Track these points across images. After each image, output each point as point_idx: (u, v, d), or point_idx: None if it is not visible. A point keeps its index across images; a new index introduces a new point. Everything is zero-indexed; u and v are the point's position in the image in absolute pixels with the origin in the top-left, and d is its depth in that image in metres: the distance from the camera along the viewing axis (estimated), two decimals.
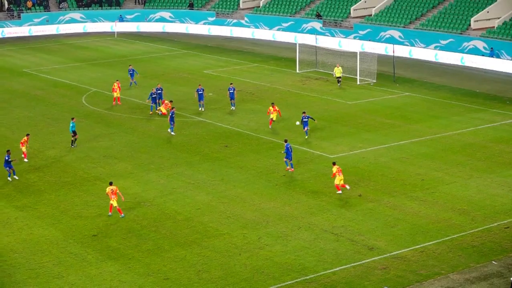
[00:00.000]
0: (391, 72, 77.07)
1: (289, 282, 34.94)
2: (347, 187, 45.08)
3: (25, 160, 51.73)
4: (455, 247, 38.23)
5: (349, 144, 55.01)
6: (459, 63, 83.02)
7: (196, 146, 55.24)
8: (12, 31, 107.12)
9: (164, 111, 61.85)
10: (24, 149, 51.94)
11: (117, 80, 68.34)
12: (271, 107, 58.31)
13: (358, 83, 74.58)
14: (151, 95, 63.84)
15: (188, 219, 42.26)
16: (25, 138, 52.16)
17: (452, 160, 51.31)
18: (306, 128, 55.67)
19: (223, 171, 49.36)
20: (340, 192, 44.91)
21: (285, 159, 48.67)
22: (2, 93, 73.07)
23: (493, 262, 36.59)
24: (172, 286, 34.73)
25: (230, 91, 64.47)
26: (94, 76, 78.94)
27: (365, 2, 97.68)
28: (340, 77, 72.97)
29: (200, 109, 64.30)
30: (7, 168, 48.21)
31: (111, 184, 42.80)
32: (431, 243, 38.70)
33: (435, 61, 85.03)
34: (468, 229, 40.30)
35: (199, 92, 63.55)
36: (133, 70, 74.55)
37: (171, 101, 61.59)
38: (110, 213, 42.49)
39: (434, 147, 54.10)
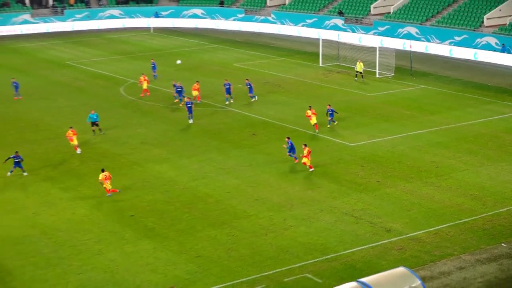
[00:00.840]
0: (408, 66, 76.81)
1: (312, 261, 35.11)
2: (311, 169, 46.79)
3: (78, 151, 51.26)
4: (467, 230, 38.24)
5: (369, 133, 55.00)
6: (472, 58, 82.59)
7: (226, 134, 55.45)
8: (56, 26, 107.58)
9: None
10: (74, 142, 51.27)
11: (142, 74, 68.58)
12: (309, 111, 55.07)
13: (377, 76, 74.41)
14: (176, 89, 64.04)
15: (218, 201, 42.53)
16: (70, 131, 51.17)
17: (465, 149, 51.20)
18: (330, 119, 55.93)
19: (251, 157, 49.58)
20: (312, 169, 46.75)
21: (288, 154, 48.14)
22: (47, 84, 73.61)
23: (502, 244, 36.59)
24: (203, 263, 35.01)
25: (226, 87, 64.00)
26: (131, 68, 79.23)
27: (385, 0, 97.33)
28: (361, 72, 72.81)
29: (227, 102, 63.96)
30: (15, 167, 46.36)
31: (103, 171, 43.36)
32: (444, 225, 38.73)
33: (449, 56, 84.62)
34: (479, 213, 40.28)
35: (226, 87, 63.55)
36: (154, 64, 74.82)
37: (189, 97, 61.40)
38: (109, 194, 43.18)
39: (448, 137, 53.99)
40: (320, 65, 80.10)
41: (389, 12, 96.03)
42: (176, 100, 63.49)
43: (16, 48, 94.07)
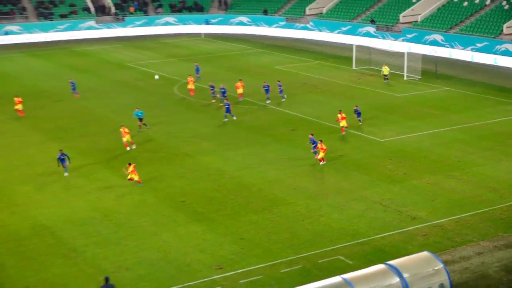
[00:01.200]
0: (433, 70, 76.18)
1: (344, 245, 35.06)
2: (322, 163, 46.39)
3: (128, 148, 50.67)
4: (485, 218, 37.91)
5: (397, 130, 54.66)
6: (492, 63, 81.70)
7: (267, 130, 55.44)
8: (118, 31, 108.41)
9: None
10: (125, 139, 50.67)
11: (189, 75, 68.79)
12: (339, 115, 53.43)
13: (405, 78, 73.90)
14: (220, 90, 63.52)
15: (260, 189, 42.57)
16: (121, 129, 50.68)
17: (484, 145, 50.70)
18: (359, 118, 55.55)
19: (290, 150, 49.51)
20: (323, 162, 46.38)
21: (312, 151, 47.38)
22: (110, 83, 74.19)
23: None
24: (246, 245, 35.10)
25: (265, 88, 63.69)
26: (184, 70, 79.31)
27: (413, 10, 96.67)
28: (387, 75, 72.40)
29: (267, 101, 63.59)
30: (62, 164, 45.00)
31: (129, 164, 43.23)
32: (465, 214, 38.42)
33: (471, 61, 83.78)
34: (497, 204, 39.91)
35: (265, 88, 63.41)
36: (198, 66, 74.63)
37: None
38: (140, 183, 43.16)
39: (469, 134, 53.48)
40: (353, 68, 79.72)
41: (417, 21, 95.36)
42: (214, 100, 63.60)
43: (82, 51, 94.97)
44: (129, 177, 42.95)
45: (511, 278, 31.53)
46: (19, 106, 60.24)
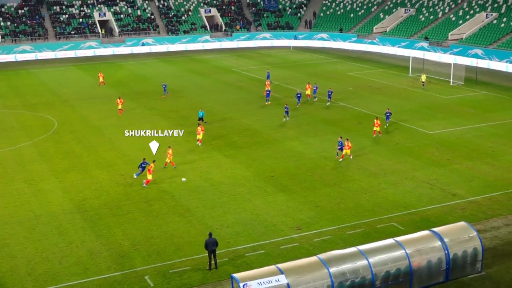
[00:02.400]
0: (474, 78, 73.82)
1: (397, 214, 34.52)
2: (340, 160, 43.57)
3: (199, 144, 47.72)
4: None
5: (443, 125, 53.21)
6: None
7: (339, 122, 54.80)
8: (226, 44, 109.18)
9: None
10: (200, 136, 47.76)
11: (267, 79, 68.36)
12: (375, 120, 49.98)
13: (451, 84, 71.82)
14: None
15: (332, 168, 42.21)
16: (198, 127, 48.15)
17: None
18: (387, 121, 52.09)
19: (357, 139, 48.78)
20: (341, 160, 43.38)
21: (337, 151, 44.12)
22: (219, 83, 74.77)
23: None
24: (320, 211, 34.91)
25: (328, 93, 61.62)
26: (277, 74, 79.30)
27: (459, 29, 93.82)
28: (424, 82, 70.41)
29: (328, 104, 61.19)
30: (140, 170, 40.27)
31: (169, 148, 42.49)
32: (496, 193, 37.29)
33: (506, 70, 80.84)
34: None
35: (328, 93, 61.72)
36: (269, 73, 73.23)
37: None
38: (174, 166, 42.27)
39: (502, 129, 51.61)
40: (409, 75, 77.87)
41: (462, 38, 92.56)
42: (268, 103, 62.10)
43: (199, 59, 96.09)
44: (167, 160, 42.14)
45: None
46: (120, 106, 58.50)
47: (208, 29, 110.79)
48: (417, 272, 26.65)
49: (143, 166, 40.18)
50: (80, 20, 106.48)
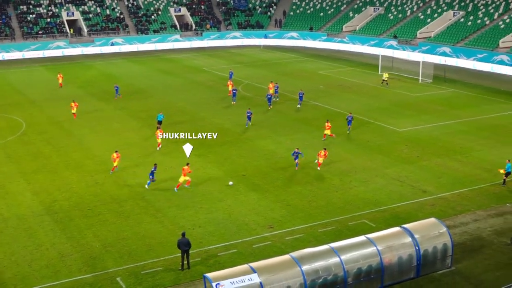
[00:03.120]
0: (442, 75, 74.77)
1: (368, 211, 34.80)
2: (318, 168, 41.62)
3: (158, 148, 46.61)
4: (481, 193, 37.25)
5: (412, 122, 53.80)
6: (490, 70, 79.91)
7: (310, 121, 54.99)
8: (197, 43, 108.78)
9: None
10: (159, 140, 46.56)
11: (229, 80, 68.19)
12: (326, 123, 48.43)
13: (420, 81, 72.64)
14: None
15: (304, 167, 42.32)
16: (157, 131, 47.03)
17: (482, 135, 49.63)
18: (349, 126, 49.81)
19: (328, 138, 48.99)
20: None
21: (296, 161, 41.36)
22: (190, 83, 74.46)
23: (507, 204, 35.60)
24: (291, 210, 35.04)
25: (300, 95, 60.74)
26: (247, 73, 79.51)
27: (427, 28, 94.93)
28: (385, 80, 71.03)
29: (298, 106, 59.80)
30: (151, 177, 38.84)
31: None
32: (465, 189, 37.83)
33: (473, 68, 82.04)
34: (490, 181, 39.17)
35: (300, 95, 61.30)
36: (231, 73, 72.83)
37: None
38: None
39: (469, 126, 52.38)
40: (379, 73, 78.52)
41: (430, 36, 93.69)
42: (234, 103, 61.86)
43: (169, 58, 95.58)
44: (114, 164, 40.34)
45: (501, 240, 31.00)
46: (75, 110, 56.06)
47: (178, 28, 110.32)
48: (389, 269, 26.91)
49: (154, 172, 38.73)
50: (48, 19, 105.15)
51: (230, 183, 39.10)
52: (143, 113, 58.39)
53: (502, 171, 38.71)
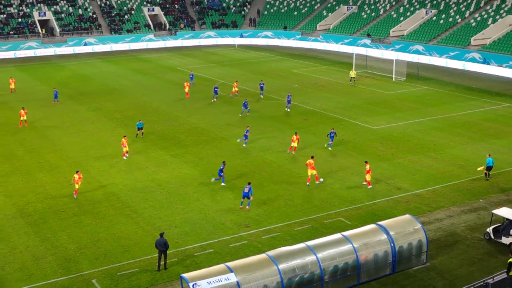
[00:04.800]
0: (416, 73, 75.43)
1: (344, 209, 34.93)
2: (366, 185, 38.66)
3: (125, 157, 44.27)
4: (455, 189, 37.60)
5: (386, 120, 54.17)
6: (462, 68, 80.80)
7: (286, 119, 55.15)
8: (171, 43, 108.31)
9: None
10: (126, 148, 44.15)
11: (186, 81, 67.65)
12: (294, 135, 45.14)
13: (393, 79, 73.21)
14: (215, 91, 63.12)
15: (279, 166, 42.39)
16: (123, 139, 44.22)
17: (455, 132, 50.15)
18: (331, 142, 46.02)
19: (303, 136, 49.10)
20: (370, 186, 38.27)
21: (242, 199, 35.61)
22: (164, 83, 74.09)
23: (480, 200, 35.94)
24: (268, 209, 35.04)
25: (261, 85, 63.31)
26: (222, 72, 79.39)
27: (400, 26, 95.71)
28: (354, 77, 71.72)
29: (287, 110, 58.12)
30: (221, 174, 38.67)
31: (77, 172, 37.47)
32: (439, 186, 38.14)
33: (446, 66, 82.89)
34: (464, 177, 39.56)
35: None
36: (192, 75, 72.64)
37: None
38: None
39: (443, 123, 52.91)
40: (353, 71, 78.98)
41: (403, 35, 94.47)
42: (214, 100, 62.81)
43: (143, 58, 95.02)
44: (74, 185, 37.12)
45: (474, 235, 31.34)
46: (24, 117, 53.44)
47: (152, 28, 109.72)
48: (365, 266, 27.06)
49: (221, 168, 38.64)
50: (19, 20, 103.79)
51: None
52: (118, 114, 57.94)
53: (480, 168, 39.36)
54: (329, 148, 45.81)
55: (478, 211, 34.33)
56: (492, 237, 30.50)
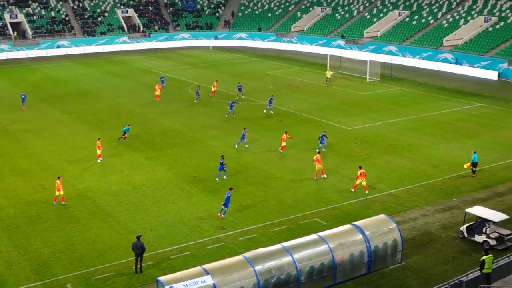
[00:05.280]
0: (389, 74, 76.02)
1: (320, 209, 35.03)
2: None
3: (99, 160, 43.88)
4: (429, 189, 37.94)
5: (361, 120, 54.49)
6: (435, 68, 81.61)
7: (261, 121, 55.18)
8: (145, 45, 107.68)
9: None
10: (99, 152, 43.83)
11: (157, 83, 67.84)
12: (284, 135, 45.95)
13: (367, 80, 73.69)
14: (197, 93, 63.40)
15: (255, 167, 42.39)
16: (98, 141, 44.13)
17: (428, 132, 50.63)
18: (322, 145, 45.80)
19: (278, 137, 49.14)
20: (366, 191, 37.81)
21: (222, 207, 34.32)
22: (139, 85, 73.60)
23: (454, 199, 36.30)
24: (244, 210, 35.01)
25: (238, 87, 64.07)
26: (196, 74, 79.24)
27: (373, 27, 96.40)
28: (330, 78, 72.70)
29: (269, 111, 57.97)
30: (223, 168, 39.74)
31: (59, 178, 36.46)
32: (413, 186, 38.45)
33: (419, 66, 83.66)
34: (438, 177, 39.94)
35: (270, 100, 61.04)
36: (163, 77, 72.66)
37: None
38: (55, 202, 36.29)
39: (416, 123, 53.39)
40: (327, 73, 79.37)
41: (377, 36, 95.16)
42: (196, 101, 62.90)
43: (117, 60, 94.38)
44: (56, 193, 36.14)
45: (448, 234, 31.64)
46: None
47: (126, 30, 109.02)
48: (341, 266, 27.17)
49: (222, 163, 39.63)
50: None
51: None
52: (91, 117, 57.45)
53: (467, 165, 39.99)
54: (323, 149, 45.29)
55: (451, 210, 34.69)
56: (466, 235, 30.84)
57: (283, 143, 45.32)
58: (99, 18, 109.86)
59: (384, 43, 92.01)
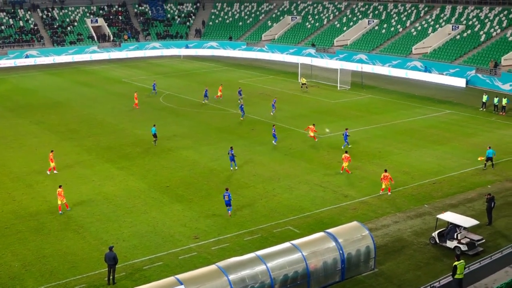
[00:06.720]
0: (360, 82, 76.64)
1: (293, 218, 35.03)
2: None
3: (54, 172, 43.24)
4: (400, 195, 38.21)
5: (332, 128, 54.72)
6: (404, 76, 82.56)
7: (233, 129, 55.17)
8: (115, 54, 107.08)
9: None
10: (53, 164, 43.03)
11: (135, 91, 67.87)
12: (312, 125, 50.28)
13: (338, 88, 74.18)
14: (205, 94, 64.30)
15: (228, 176, 42.31)
16: (51, 154, 43.35)
17: (399, 139, 51.09)
18: (346, 142, 48.28)
19: (251, 145, 49.32)
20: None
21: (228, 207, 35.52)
22: (109, 95, 73.16)
23: (425, 205, 36.61)
24: (217, 219, 34.87)
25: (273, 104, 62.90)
26: (167, 84, 78.90)
27: (344, 36, 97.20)
28: (305, 84, 73.93)
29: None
30: (232, 160, 42.86)
31: (60, 187, 36.50)
32: (385, 193, 38.60)
33: (389, 74, 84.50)
34: (409, 183, 40.27)
35: (272, 104, 61.38)
36: (154, 84, 73.02)
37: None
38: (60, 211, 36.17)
39: (387, 131, 53.85)
40: (299, 81, 79.56)
41: (347, 44, 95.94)
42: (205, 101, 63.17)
43: (87, 70, 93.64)
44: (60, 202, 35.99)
45: (420, 240, 31.87)
46: None
47: (96, 39, 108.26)
48: (314, 274, 27.20)
49: (231, 154, 42.40)
50: None
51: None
52: (62, 127, 56.84)
53: (481, 158, 42.23)
54: (349, 146, 47.79)
55: (423, 216, 35.00)
56: (438, 241, 31.14)
57: (312, 134, 48.95)
58: (69, 28, 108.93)
59: (354, 51, 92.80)
